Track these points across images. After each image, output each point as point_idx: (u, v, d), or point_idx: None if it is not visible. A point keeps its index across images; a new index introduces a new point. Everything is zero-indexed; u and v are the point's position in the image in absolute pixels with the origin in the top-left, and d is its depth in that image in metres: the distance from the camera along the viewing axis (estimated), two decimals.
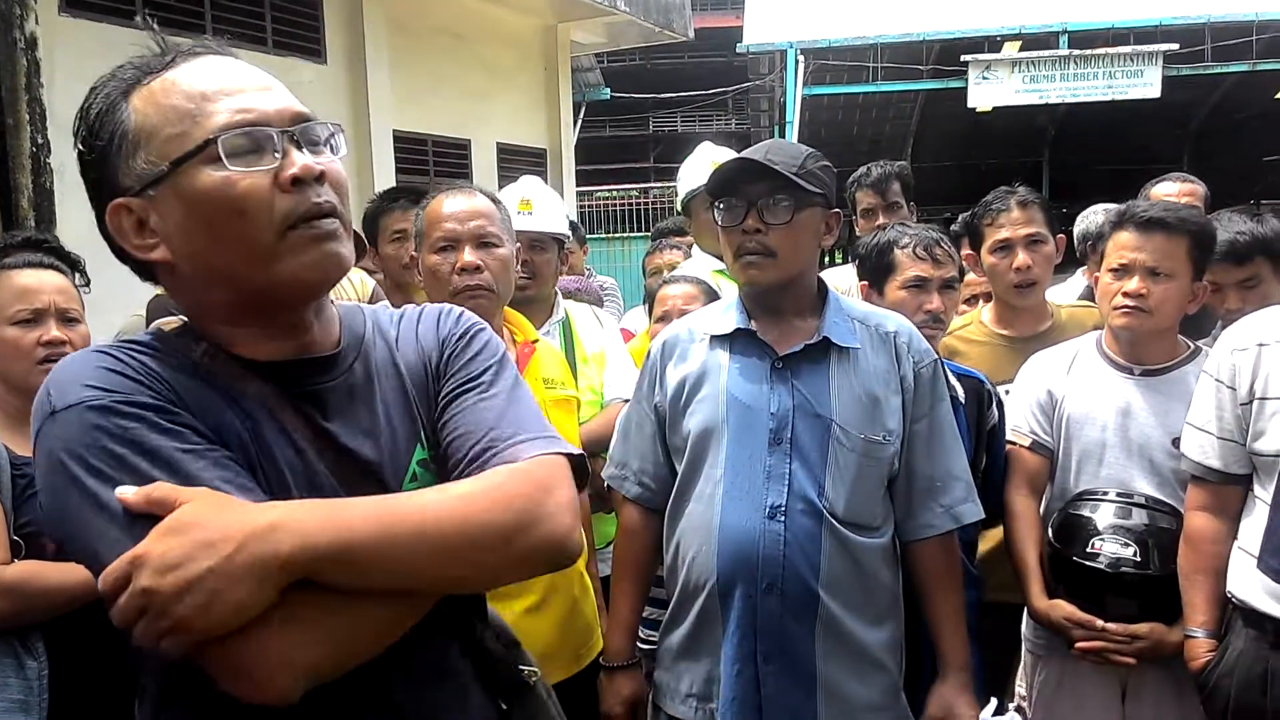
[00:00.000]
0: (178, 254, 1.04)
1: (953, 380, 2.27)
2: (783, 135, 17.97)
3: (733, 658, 1.85)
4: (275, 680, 0.93)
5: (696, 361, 1.95)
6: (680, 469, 1.95)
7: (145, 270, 1.10)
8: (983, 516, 2.02)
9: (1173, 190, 3.48)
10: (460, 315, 1.26)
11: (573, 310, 2.93)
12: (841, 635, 1.83)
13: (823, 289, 1.97)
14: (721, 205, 1.91)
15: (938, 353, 2.28)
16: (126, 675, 1.19)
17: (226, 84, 1.05)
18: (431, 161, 8.05)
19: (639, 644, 2.10)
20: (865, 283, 2.38)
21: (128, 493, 0.93)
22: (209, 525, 0.91)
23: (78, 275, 2.21)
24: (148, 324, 2.48)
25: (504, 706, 1.22)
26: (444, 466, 1.14)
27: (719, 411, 1.88)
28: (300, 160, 1.03)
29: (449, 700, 1.15)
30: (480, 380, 1.17)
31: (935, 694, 1.92)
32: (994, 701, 1.92)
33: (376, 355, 1.18)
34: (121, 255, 1.09)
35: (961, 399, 2.26)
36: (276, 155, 1.02)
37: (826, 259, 5.57)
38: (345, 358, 1.14)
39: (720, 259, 3.06)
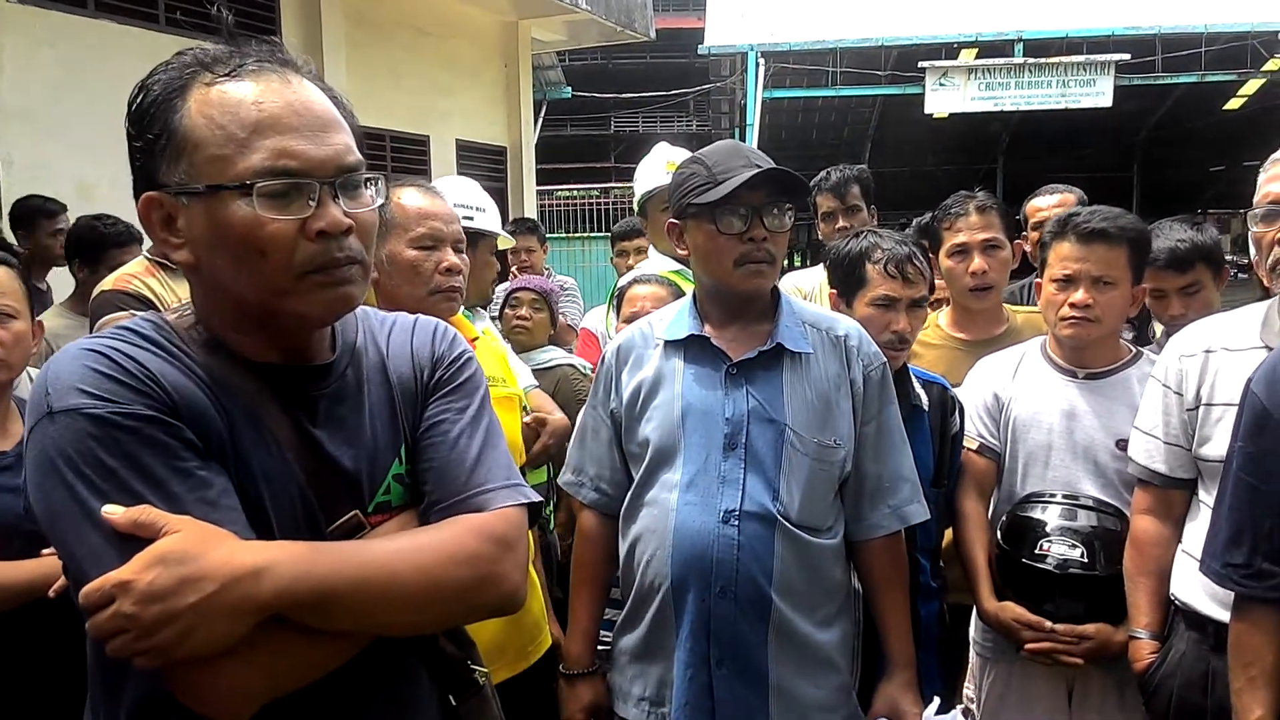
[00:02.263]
0: (198, 261, 1.08)
1: (917, 387, 2.29)
2: (743, 137, 18.07)
3: (686, 661, 1.85)
4: (231, 704, 0.99)
5: (652, 368, 1.95)
6: (637, 474, 1.95)
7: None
8: (928, 517, 2.04)
9: (1051, 202, 3.55)
10: (455, 337, 1.31)
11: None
12: (793, 637, 1.85)
13: (774, 292, 1.98)
14: (721, 212, 1.85)
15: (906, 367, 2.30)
16: (63, 675, 1.17)
17: (281, 117, 1.05)
18: (389, 158, 7.97)
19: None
20: (834, 291, 2.37)
21: (115, 512, 0.96)
22: (196, 561, 0.96)
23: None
24: (92, 322, 2.43)
25: (453, 702, 1.26)
26: (417, 484, 1.20)
27: (674, 418, 1.88)
28: (331, 214, 1.05)
29: (401, 697, 1.18)
30: (463, 415, 1.23)
31: (881, 692, 1.95)
32: (937, 700, 1.94)
33: (368, 363, 1.21)
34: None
35: (925, 405, 2.28)
36: (311, 203, 1.05)
37: (785, 262, 5.59)
38: (339, 364, 1.18)
39: (678, 261, 3.07)
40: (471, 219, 2.85)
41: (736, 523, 1.81)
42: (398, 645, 1.16)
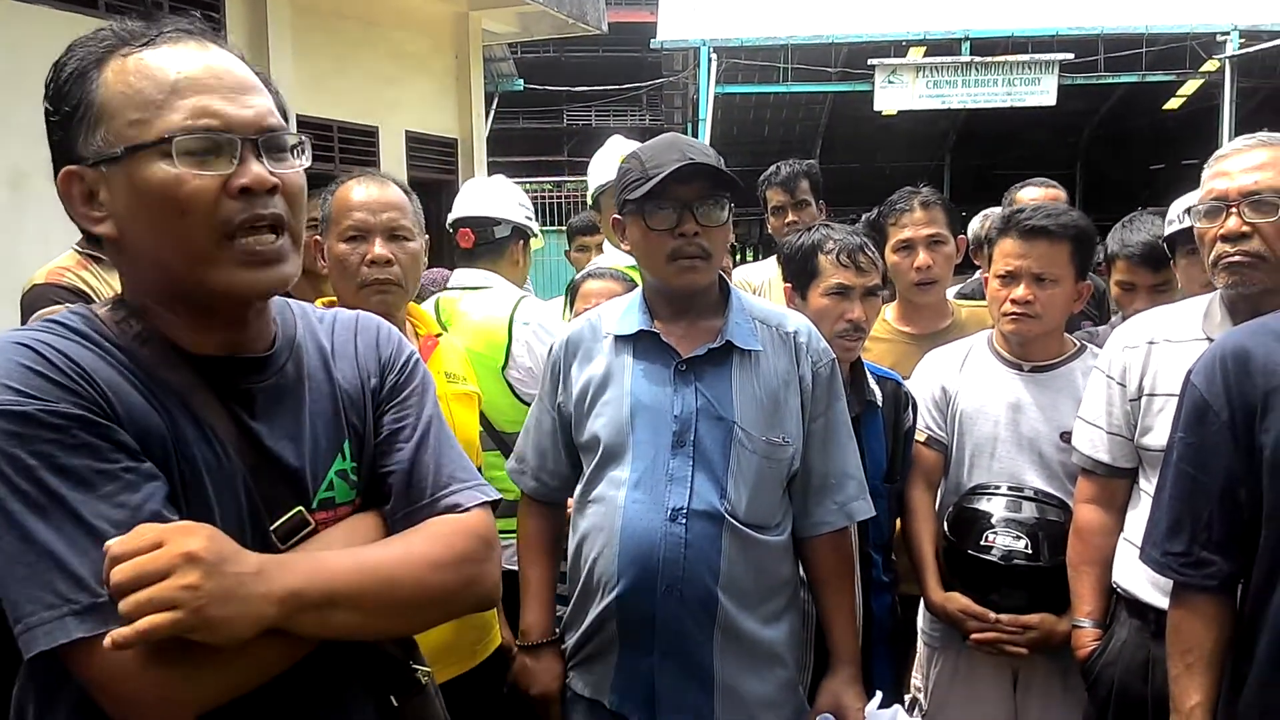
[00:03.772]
0: (122, 234, 1.05)
1: (872, 382, 2.31)
2: (695, 133, 18.10)
3: (630, 658, 1.85)
4: (162, 716, 0.96)
5: (601, 363, 1.93)
6: (586, 470, 1.94)
7: (94, 237, 1.10)
8: (873, 514, 2.05)
9: (1037, 195, 3.61)
10: (400, 339, 1.31)
11: None
12: (740, 635, 1.85)
13: (724, 287, 1.97)
14: (650, 207, 1.84)
15: (860, 357, 2.32)
16: None
17: (200, 78, 1.04)
18: (337, 148, 7.84)
19: None
20: (789, 285, 2.37)
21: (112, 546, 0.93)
22: (226, 546, 0.97)
23: None
24: (24, 316, 2.35)
25: (395, 704, 1.23)
26: (369, 483, 1.20)
27: (623, 414, 1.87)
28: (254, 170, 1.04)
29: (336, 702, 1.15)
30: (422, 418, 1.24)
31: (825, 687, 1.96)
32: (879, 695, 1.97)
33: (308, 359, 1.19)
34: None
35: (879, 401, 2.30)
36: (233, 161, 1.03)
37: (738, 256, 5.61)
38: (279, 358, 1.15)
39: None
40: (531, 218, 3.13)
41: (684, 521, 1.81)
42: (332, 651, 1.11)
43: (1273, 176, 1.81)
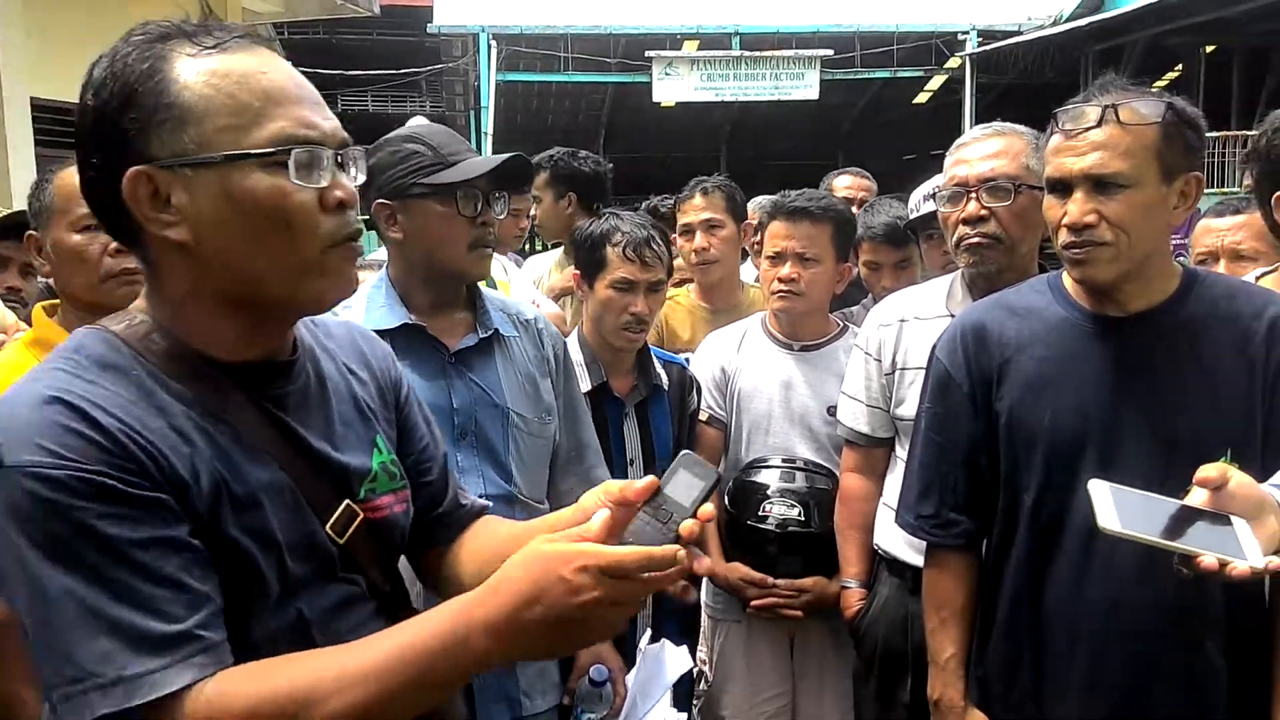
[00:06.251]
0: (201, 240, 1.01)
1: (658, 366, 2.36)
2: (479, 120, 17.89)
3: None
4: None
5: None
6: None
7: (133, 240, 1.06)
8: (609, 479, 2.11)
9: (848, 183, 3.93)
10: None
11: None
12: None
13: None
14: (461, 194, 1.79)
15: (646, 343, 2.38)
16: None
17: (288, 89, 1.04)
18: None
19: None
20: (579, 273, 2.37)
21: None
22: None
23: None
24: None
25: None
26: (406, 473, 1.24)
27: None
28: (345, 184, 1.06)
29: None
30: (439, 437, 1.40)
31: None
32: (649, 632, 2.05)
33: (322, 361, 1.20)
34: (109, 219, 1.05)
35: (665, 384, 2.35)
36: (325, 175, 1.03)
37: (526, 246, 5.55)
38: (302, 362, 1.15)
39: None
40: None
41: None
42: None
43: (1007, 164, 1.98)
